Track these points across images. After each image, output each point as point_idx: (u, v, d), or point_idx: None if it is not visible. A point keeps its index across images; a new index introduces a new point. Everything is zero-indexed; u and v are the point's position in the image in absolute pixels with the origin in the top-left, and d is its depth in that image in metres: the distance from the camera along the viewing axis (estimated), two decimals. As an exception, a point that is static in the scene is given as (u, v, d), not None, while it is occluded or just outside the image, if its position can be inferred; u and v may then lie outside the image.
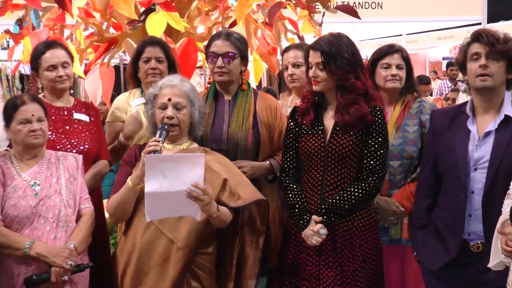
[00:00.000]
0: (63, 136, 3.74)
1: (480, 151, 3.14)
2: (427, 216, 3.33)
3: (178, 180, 3.02)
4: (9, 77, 8.63)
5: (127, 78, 4.32)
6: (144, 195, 3.03)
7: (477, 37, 3.15)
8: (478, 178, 3.13)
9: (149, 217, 3.11)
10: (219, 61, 3.71)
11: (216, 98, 3.82)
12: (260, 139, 3.73)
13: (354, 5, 7.79)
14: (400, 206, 3.71)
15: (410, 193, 3.68)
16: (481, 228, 3.13)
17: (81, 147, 3.75)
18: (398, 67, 3.87)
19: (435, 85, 13.35)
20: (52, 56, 3.76)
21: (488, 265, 2.84)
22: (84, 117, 3.87)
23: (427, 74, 14.35)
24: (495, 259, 2.81)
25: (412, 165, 3.76)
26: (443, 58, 16.39)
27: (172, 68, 4.08)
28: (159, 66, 4.03)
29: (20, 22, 5.11)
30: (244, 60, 3.79)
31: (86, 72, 5.45)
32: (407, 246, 3.74)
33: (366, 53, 11.26)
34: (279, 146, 3.75)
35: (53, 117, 3.58)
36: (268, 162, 3.74)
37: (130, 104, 4.08)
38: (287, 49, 4.50)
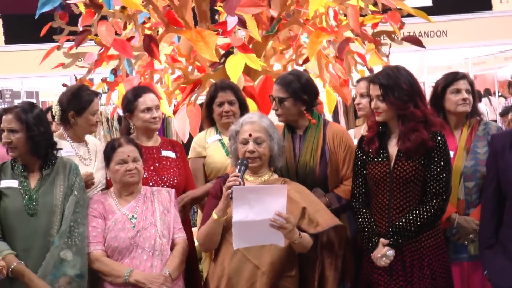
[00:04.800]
0: (154, 173, 3.81)
1: None
2: (494, 235, 3.23)
3: (262, 209, 3.05)
4: (109, 119, 8.91)
5: (202, 119, 4.45)
6: (232, 224, 3.08)
7: None
8: None
9: (236, 245, 3.15)
10: (274, 104, 3.77)
11: (292, 133, 3.81)
12: (328, 170, 3.70)
13: (420, 34, 7.72)
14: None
15: None
16: None
17: (171, 182, 3.82)
18: (467, 91, 3.83)
19: (499, 104, 12.96)
20: (148, 99, 3.85)
21: None
22: (171, 154, 3.95)
23: (496, 93, 13.97)
24: None
25: (486, 184, 3.68)
26: (512, 77, 15.93)
27: (243, 108, 4.19)
28: (232, 108, 4.14)
29: (115, 71, 5.30)
30: (300, 100, 3.72)
31: (174, 112, 5.58)
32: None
33: (436, 77, 11.09)
34: (346, 174, 3.71)
35: (144, 156, 3.64)
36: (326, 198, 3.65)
37: (207, 140, 4.21)
38: (358, 81, 4.58)
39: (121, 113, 8.00)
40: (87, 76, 5.25)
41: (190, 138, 5.50)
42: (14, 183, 3.33)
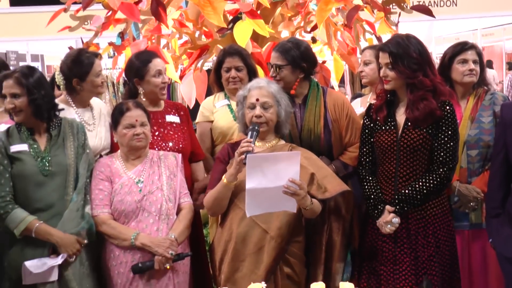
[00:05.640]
0: (159, 138, 3.81)
1: None
2: (501, 205, 3.26)
3: (276, 176, 3.06)
4: (115, 83, 8.89)
5: (211, 83, 4.42)
6: (245, 192, 3.09)
7: None
8: None
9: (249, 213, 3.17)
10: (272, 71, 3.74)
11: (291, 102, 3.72)
12: (332, 139, 3.72)
13: (430, 3, 7.64)
14: (480, 192, 3.66)
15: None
16: None
17: (176, 147, 3.82)
18: (475, 62, 3.83)
19: (506, 76, 12.86)
20: (157, 63, 3.83)
21: None
22: (175, 119, 3.94)
23: (504, 66, 13.89)
24: None
25: (489, 153, 3.69)
26: (520, 49, 15.80)
27: (251, 74, 4.16)
28: (239, 74, 4.12)
29: (122, 35, 5.28)
30: (298, 68, 3.70)
31: (181, 77, 5.58)
32: (488, 229, 3.67)
33: (444, 48, 11.03)
34: (350, 141, 3.74)
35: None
36: (333, 166, 3.69)
37: (215, 105, 4.20)
38: (363, 50, 4.60)
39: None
40: (94, 39, 5.24)
41: (197, 103, 5.50)
42: (24, 147, 3.35)
